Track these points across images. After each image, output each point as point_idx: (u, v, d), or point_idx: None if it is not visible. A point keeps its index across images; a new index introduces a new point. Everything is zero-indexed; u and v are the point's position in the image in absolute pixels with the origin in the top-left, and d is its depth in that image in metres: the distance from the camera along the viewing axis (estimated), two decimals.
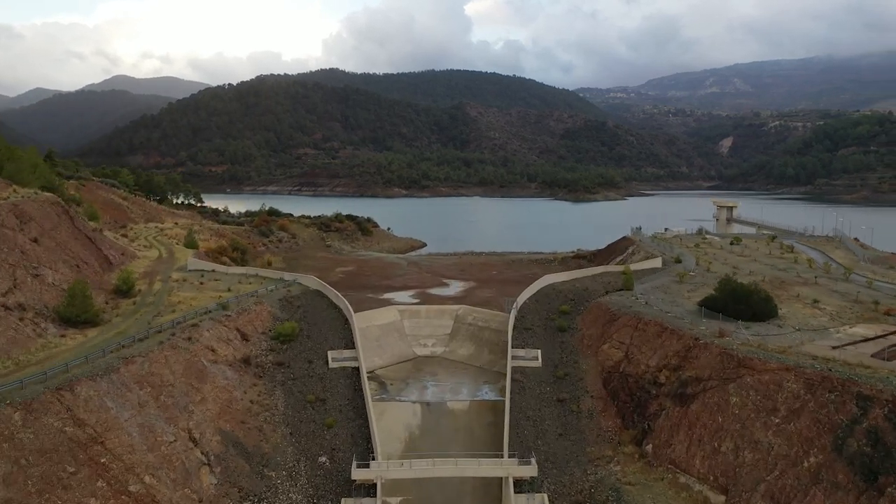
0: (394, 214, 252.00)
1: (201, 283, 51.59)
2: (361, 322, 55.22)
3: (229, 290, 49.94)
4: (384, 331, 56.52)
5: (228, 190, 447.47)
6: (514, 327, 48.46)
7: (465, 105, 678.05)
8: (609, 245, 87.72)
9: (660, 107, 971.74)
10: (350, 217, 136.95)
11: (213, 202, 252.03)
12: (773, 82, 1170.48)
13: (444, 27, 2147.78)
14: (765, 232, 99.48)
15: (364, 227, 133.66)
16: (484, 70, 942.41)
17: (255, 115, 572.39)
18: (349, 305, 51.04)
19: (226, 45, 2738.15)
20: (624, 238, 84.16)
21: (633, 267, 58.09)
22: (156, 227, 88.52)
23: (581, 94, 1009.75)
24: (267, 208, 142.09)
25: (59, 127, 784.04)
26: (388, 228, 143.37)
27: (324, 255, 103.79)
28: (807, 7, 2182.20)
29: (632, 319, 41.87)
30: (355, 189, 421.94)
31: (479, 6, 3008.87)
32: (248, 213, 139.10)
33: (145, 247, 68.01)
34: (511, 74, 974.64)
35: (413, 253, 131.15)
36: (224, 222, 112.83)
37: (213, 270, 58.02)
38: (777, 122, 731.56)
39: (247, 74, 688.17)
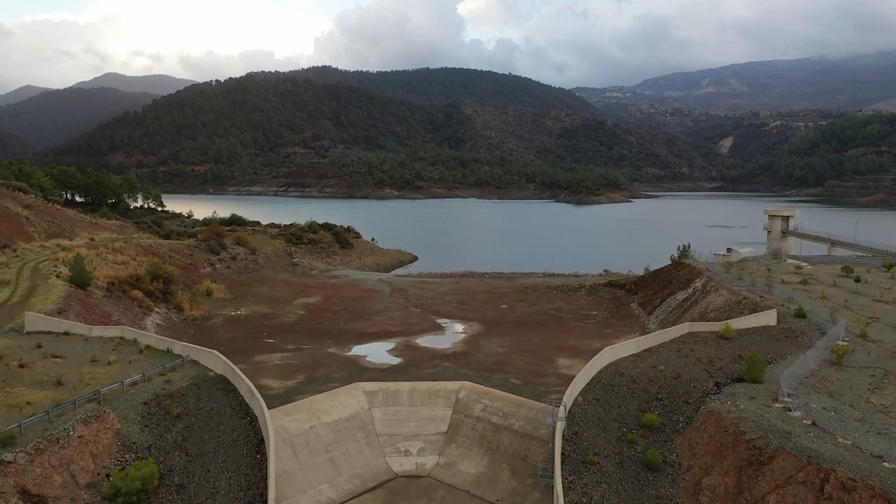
0: (383, 218, 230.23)
1: (21, 367, 29.50)
2: (302, 421, 33.67)
3: (60, 382, 28.10)
4: (341, 433, 34.98)
5: (211, 190, 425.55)
6: (565, 456, 26.89)
7: (460, 103, 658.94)
8: (657, 272, 66.18)
9: (657, 106, 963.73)
10: (326, 226, 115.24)
11: (185, 205, 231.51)
12: (770, 83, 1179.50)
13: (437, 26, 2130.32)
14: (845, 251, 78.52)
15: (343, 238, 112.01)
16: (477, 68, 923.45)
17: (242, 113, 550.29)
18: (265, 408, 29.02)
19: (217, 43, 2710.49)
20: (680, 264, 62.65)
21: (735, 324, 37.00)
22: (57, 245, 66.64)
23: (577, 94, 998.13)
24: (227, 216, 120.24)
25: (47, 125, 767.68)
26: (373, 239, 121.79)
27: (286, 279, 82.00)
28: (797, 8, 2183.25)
29: (805, 468, 20.67)
30: (345, 190, 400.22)
31: (472, 6, 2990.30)
32: (206, 222, 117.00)
33: None
34: (506, 73, 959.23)
35: (401, 270, 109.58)
36: (167, 235, 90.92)
37: (66, 333, 36.23)
38: (778, 122, 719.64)
39: (238, 73, 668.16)
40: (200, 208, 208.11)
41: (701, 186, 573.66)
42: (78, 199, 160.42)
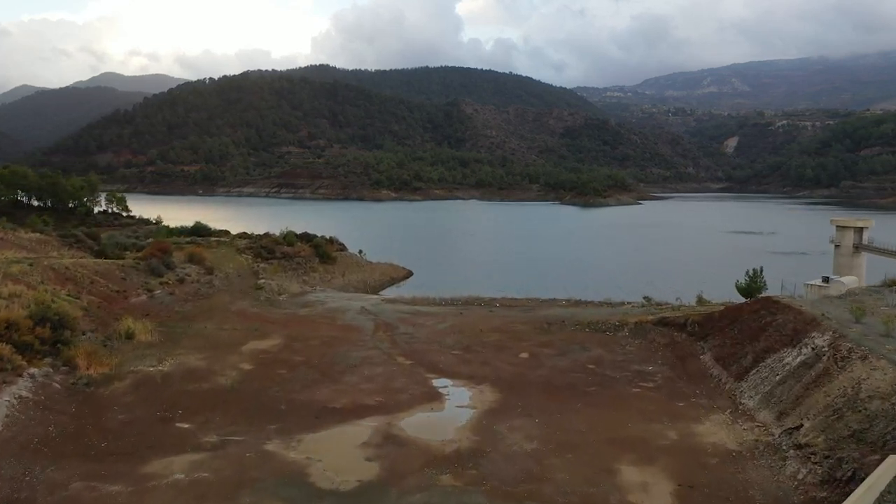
0: (377, 223, 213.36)
1: None
2: None
3: None
4: None
5: (201, 192, 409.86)
6: None
7: (460, 102, 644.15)
8: (734, 311, 48.83)
9: (658, 106, 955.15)
10: (305, 237, 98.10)
11: (171, 208, 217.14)
12: (771, 82, 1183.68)
13: (435, 25, 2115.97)
14: None
15: (324, 251, 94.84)
16: (476, 67, 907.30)
17: (236, 112, 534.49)
18: None
19: (214, 42, 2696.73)
20: (770, 302, 45.53)
21: None
22: None
23: (578, 93, 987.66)
24: (190, 222, 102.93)
25: (44, 124, 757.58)
26: (361, 252, 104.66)
27: (242, 309, 64.78)
28: (796, 8, 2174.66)
29: None
30: (340, 191, 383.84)
31: (471, 5, 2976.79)
32: (162, 232, 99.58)
33: None
34: (507, 72, 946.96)
35: (392, 290, 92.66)
36: (101, 251, 73.85)
37: None
38: (784, 122, 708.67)
39: (235, 72, 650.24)
40: (184, 212, 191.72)
41: (708, 187, 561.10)
42: (34, 203, 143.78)
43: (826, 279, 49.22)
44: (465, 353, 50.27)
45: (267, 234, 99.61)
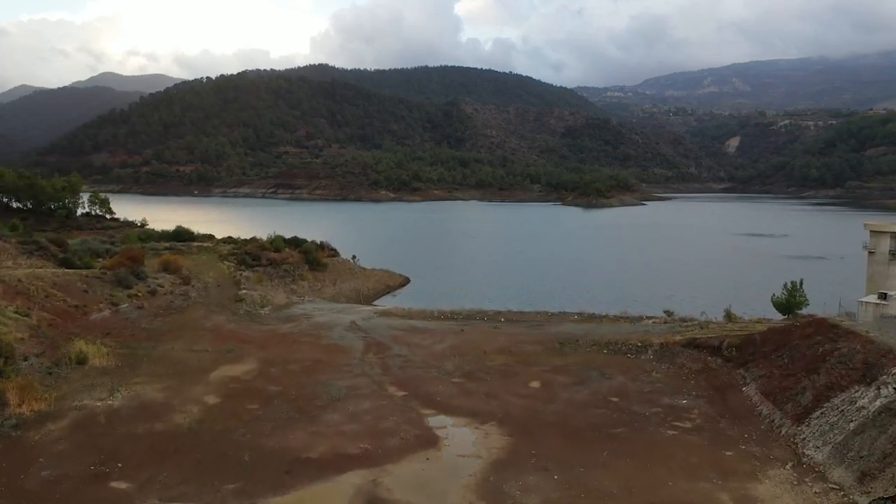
0: (374, 225, 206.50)
1: None
2: None
3: None
4: None
5: (196, 192, 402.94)
6: None
7: (460, 102, 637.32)
8: (781, 333, 42.11)
9: (659, 106, 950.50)
10: (294, 242, 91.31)
11: (163, 209, 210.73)
12: (772, 82, 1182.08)
13: (434, 25, 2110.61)
14: None
15: (314, 257, 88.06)
16: (476, 67, 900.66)
17: (233, 111, 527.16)
18: None
19: (213, 42, 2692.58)
20: (827, 325, 38.81)
21: None
22: None
23: (578, 93, 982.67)
24: (171, 227, 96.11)
25: (40, 124, 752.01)
26: (354, 257, 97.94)
27: (217, 325, 58.01)
28: (795, 8, 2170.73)
29: None
30: (337, 192, 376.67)
31: (470, 5, 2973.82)
32: (139, 237, 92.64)
33: None
34: (507, 72, 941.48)
35: (387, 299, 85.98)
36: (66, 260, 67.11)
37: None
38: (786, 122, 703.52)
39: (233, 72, 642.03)
40: (175, 213, 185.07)
41: (710, 187, 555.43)
42: (14, 205, 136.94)
43: (884, 296, 42.60)
44: (467, 381, 43.50)
45: (253, 239, 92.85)
